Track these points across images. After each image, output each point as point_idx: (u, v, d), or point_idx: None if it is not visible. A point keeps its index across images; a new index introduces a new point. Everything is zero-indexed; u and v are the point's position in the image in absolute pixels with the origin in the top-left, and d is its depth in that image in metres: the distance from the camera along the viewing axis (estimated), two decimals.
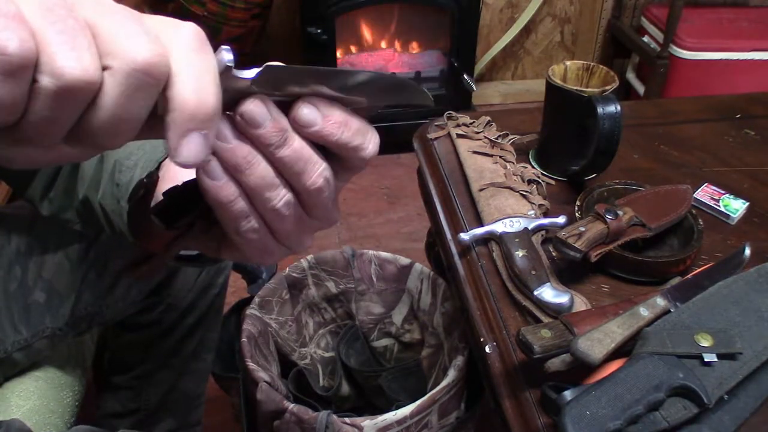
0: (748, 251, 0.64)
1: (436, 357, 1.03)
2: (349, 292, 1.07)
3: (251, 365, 0.84)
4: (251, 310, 0.94)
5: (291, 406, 0.77)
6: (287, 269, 1.02)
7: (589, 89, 0.79)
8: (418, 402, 0.77)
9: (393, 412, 0.76)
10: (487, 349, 0.65)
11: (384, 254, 1.03)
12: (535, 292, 0.64)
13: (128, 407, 0.95)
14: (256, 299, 0.96)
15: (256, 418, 0.83)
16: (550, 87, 0.82)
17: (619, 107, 0.73)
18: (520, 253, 0.69)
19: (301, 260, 1.03)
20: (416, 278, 1.02)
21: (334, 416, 0.75)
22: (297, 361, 1.03)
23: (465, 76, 2.03)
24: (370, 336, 1.10)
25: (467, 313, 0.71)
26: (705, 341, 0.53)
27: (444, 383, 0.80)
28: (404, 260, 1.02)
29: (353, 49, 2.12)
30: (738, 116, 1.03)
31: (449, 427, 0.83)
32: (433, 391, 0.79)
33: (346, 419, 0.76)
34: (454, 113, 0.97)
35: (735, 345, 0.54)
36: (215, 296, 0.92)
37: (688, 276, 0.65)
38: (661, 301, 0.59)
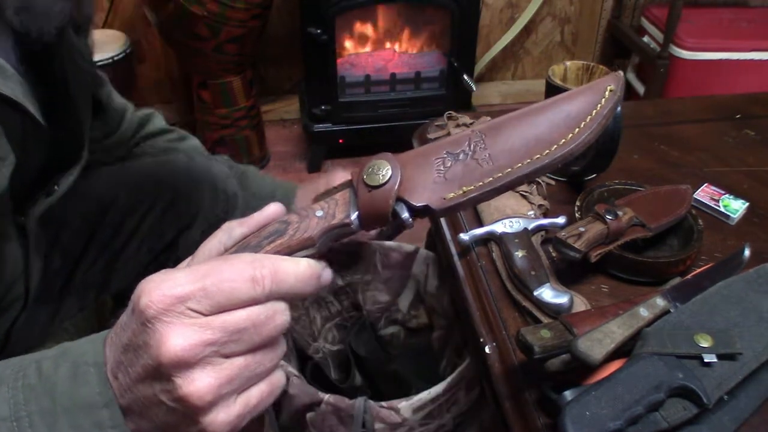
0: (747, 251, 0.64)
1: (447, 338, 1.03)
2: (356, 282, 1.07)
3: None
4: None
5: (327, 396, 0.77)
6: None
7: None
8: (448, 379, 0.77)
9: (427, 391, 0.77)
10: (487, 350, 0.65)
11: (387, 243, 1.03)
12: (535, 293, 0.64)
13: None
14: None
15: (280, 413, 0.83)
16: (550, 87, 0.82)
17: (619, 107, 0.73)
18: (519, 254, 0.69)
19: None
20: (422, 263, 1.01)
21: (371, 401, 0.76)
22: (312, 355, 1.03)
23: (465, 76, 2.03)
24: (377, 325, 1.10)
25: (467, 314, 0.71)
26: (705, 342, 0.53)
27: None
28: (409, 247, 1.02)
29: (353, 49, 2.12)
30: (738, 116, 1.03)
31: (472, 403, 0.84)
32: (461, 367, 0.78)
33: (383, 403, 0.76)
34: (454, 113, 0.97)
35: (735, 345, 0.53)
36: None
37: (688, 276, 0.65)
38: (661, 302, 0.59)
